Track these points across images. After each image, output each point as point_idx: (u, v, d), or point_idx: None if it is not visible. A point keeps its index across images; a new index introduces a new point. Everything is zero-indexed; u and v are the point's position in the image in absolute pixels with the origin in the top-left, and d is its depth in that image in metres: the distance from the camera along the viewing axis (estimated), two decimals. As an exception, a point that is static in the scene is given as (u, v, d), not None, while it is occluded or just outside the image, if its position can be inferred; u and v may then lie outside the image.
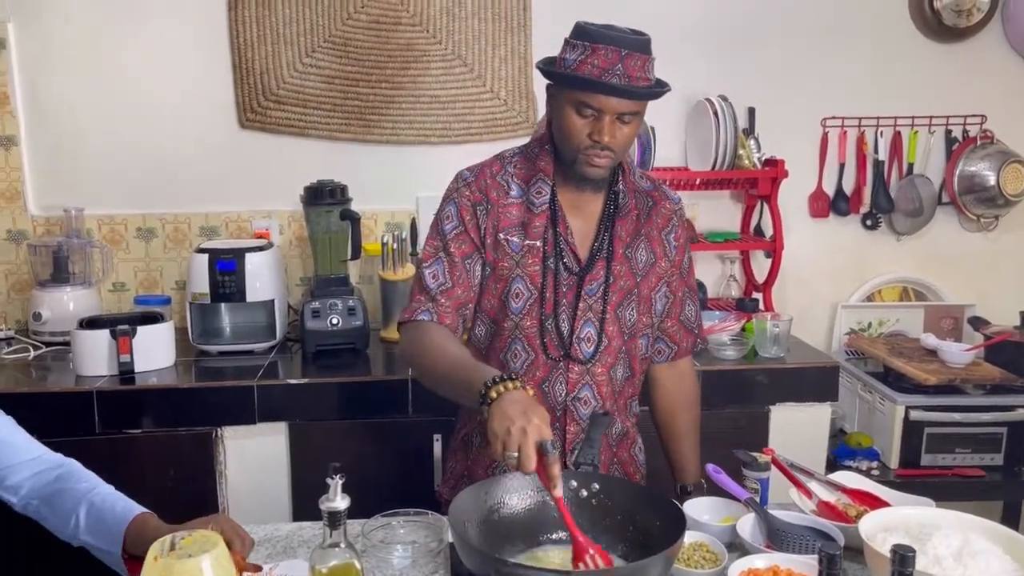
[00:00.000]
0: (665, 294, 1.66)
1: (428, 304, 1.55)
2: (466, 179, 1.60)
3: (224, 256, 2.33)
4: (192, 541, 0.97)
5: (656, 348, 1.70)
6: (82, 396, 2.11)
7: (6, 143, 2.55)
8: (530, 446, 1.17)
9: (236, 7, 2.55)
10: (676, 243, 1.65)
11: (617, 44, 1.41)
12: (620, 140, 1.47)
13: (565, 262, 1.55)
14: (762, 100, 2.77)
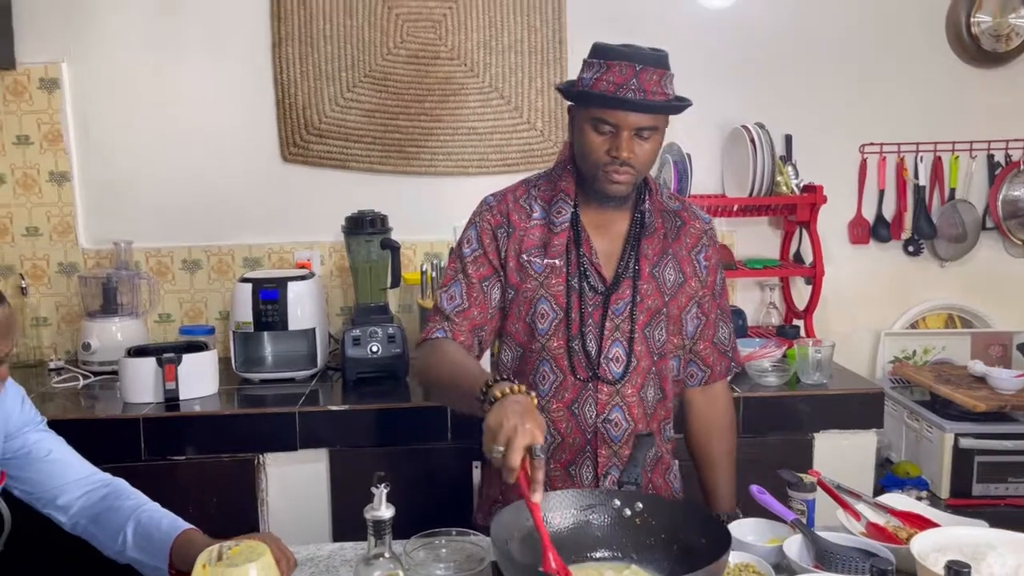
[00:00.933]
0: (696, 315, 1.64)
1: (443, 323, 1.56)
2: (489, 203, 1.62)
3: (267, 285, 2.38)
4: (239, 552, 0.98)
5: (688, 371, 1.69)
6: (129, 423, 2.15)
7: (59, 179, 2.64)
8: (519, 444, 1.15)
9: (280, 45, 2.63)
10: (707, 263, 1.64)
11: (631, 60, 1.43)
12: (640, 156, 1.48)
13: (590, 282, 1.55)
14: (799, 128, 2.77)
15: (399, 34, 2.65)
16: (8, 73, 2.57)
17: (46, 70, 2.58)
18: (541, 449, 1.17)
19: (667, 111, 1.48)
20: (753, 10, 2.72)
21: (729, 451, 1.70)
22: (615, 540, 1.30)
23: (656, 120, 1.47)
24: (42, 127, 2.61)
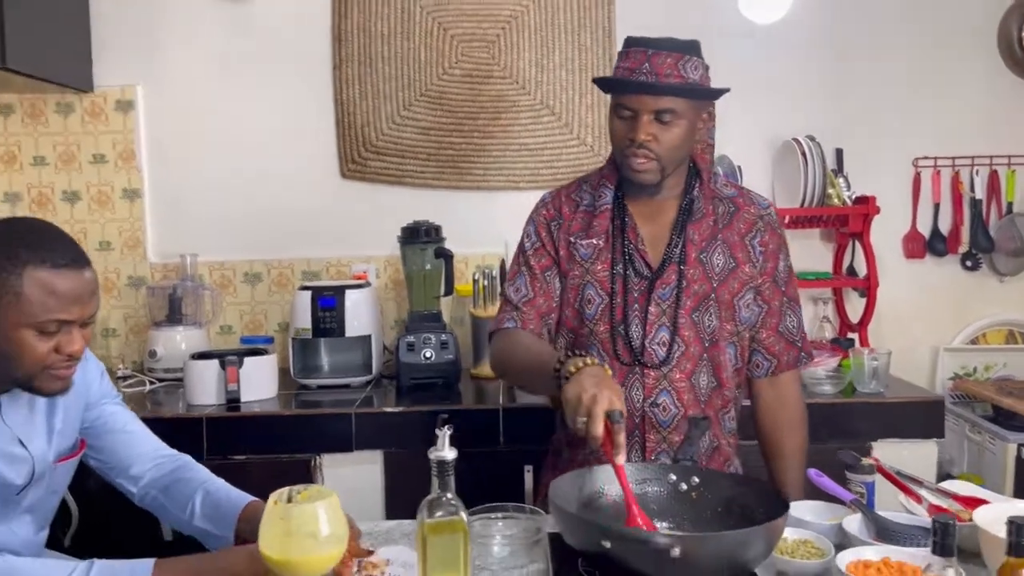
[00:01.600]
0: (756, 303, 1.64)
1: (513, 313, 1.62)
2: (544, 200, 1.71)
3: (326, 293, 2.45)
4: (307, 495, 1.02)
5: (753, 362, 1.68)
6: (192, 422, 2.21)
7: (131, 195, 2.76)
8: (599, 412, 1.20)
9: (340, 66, 2.74)
10: (762, 248, 1.63)
11: (645, 45, 1.49)
12: (663, 142, 1.51)
13: (635, 267, 1.58)
14: (850, 142, 2.78)
15: (454, 54, 2.74)
16: (87, 95, 2.71)
17: (122, 92, 2.72)
18: (619, 414, 1.20)
19: (678, 92, 1.49)
20: (802, 25, 2.75)
21: (800, 444, 1.68)
22: (671, 513, 1.31)
23: (674, 103, 1.50)
24: (116, 146, 2.75)
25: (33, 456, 1.34)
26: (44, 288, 1.19)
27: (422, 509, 1.00)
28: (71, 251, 1.24)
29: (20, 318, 1.19)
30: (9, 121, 2.72)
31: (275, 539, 0.99)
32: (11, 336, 1.20)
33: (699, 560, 1.04)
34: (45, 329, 1.21)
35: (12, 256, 1.19)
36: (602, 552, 1.07)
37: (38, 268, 1.19)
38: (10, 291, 1.18)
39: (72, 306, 1.22)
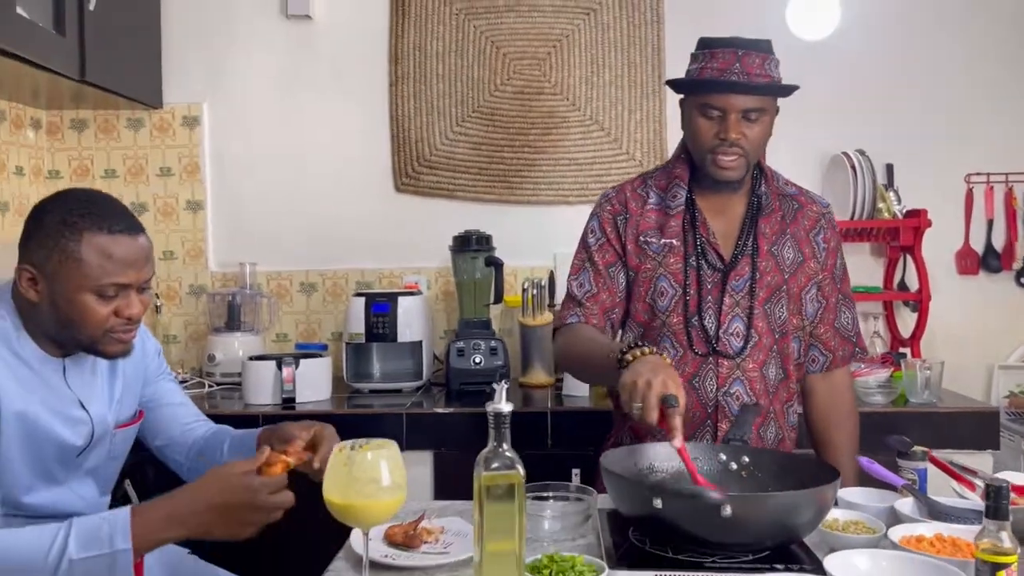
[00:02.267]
0: (816, 298, 1.67)
1: (576, 309, 1.65)
2: (607, 196, 1.73)
3: (379, 299, 2.51)
4: (369, 447, 1.06)
5: (810, 356, 1.70)
6: (249, 420, 2.27)
7: (195, 207, 2.88)
8: (653, 397, 1.23)
9: (396, 83, 2.84)
10: (825, 245, 1.68)
11: (733, 45, 1.53)
12: (751, 138, 1.55)
13: (708, 260, 1.61)
14: (901, 157, 2.78)
15: (506, 72, 2.82)
16: (156, 112, 2.85)
17: (189, 109, 2.86)
18: (674, 399, 1.23)
19: (772, 92, 1.56)
20: (851, 40, 2.78)
21: (851, 438, 1.70)
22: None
23: (762, 102, 1.55)
24: (182, 160, 2.87)
25: (93, 419, 1.39)
26: (102, 252, 1.27)
27: (479, 464, 1.03)
28: (126, 218, 1.32)
29: (81, 282, 1.26)
30: (83, 136, 2.86)
31: (338, 485, 1.04)
32: (73, 300, 1.27)
33: (749, 521, 1.05)
34: (104, 293, 1.28)
35: (71, 224, 1.27)
36: (653, 515, 1.09)
37: (95, 234, 1.27)
38: (70, 257, 1.26)
39: (128, 269, 1.29)
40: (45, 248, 1.27)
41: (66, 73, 2.24)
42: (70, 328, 1.30)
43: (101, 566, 1.15)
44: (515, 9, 2.80)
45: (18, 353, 1.30)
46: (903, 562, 1.03)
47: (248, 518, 1.19)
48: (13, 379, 1.28)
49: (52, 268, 1.27)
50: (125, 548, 1.15)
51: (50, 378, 1.34)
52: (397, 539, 1.27)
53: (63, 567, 1.13)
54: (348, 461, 1.03)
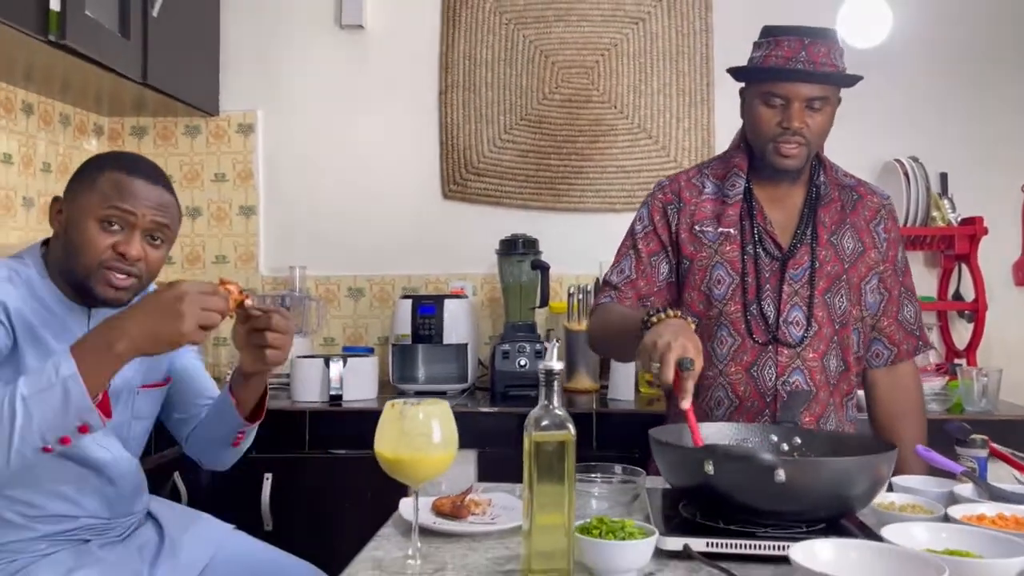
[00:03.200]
0: (879, 289, 1.65)
1: (610, 292, 1.66)
2: (661, 184, 1.73)
3: (425, 301, 2.53)
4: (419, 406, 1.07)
5: (874, 351, 1.68)
6: (297, 415, 2.30)
7: (247, 212, 2.94)
8: (670, 358, 1.23)
9: (446, 92, 2.88)
10: (886, 235, 1.66)
11: (800, 34, 1.52)
12: (813, 127, 1.54)
13: (765, 247, 1.59)
14: (955, 165, 2.74)
15: (554, 80, 2.85)
16: (212, 119, 2.93)
17: (244, 116, 2.93)
18: (690, 361, 1.23)
19: (838, 81, 1.56)
20: (903, 48, 2.75)
21: (919, 430, 1.66)
22: (772, 470, 1.29)
23: (826, 91, 1.55)
24: (236, 166, 2.94)
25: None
26: (115, 184, 1.35)
27: (528, 424, 1.03)
28: (153, 170, 1.41)
29: (89, 207, 1.34)
30: (143, 142, 2.95)
31: (389, 439, 1.04)
32: (79, 223, 1.34)
33: (803, 488, 1.03)
34: (108, 220, 1.34)
35: (100, 162, 1.40)
36: (703, 483, 1.07)
37: (116, 171, 1.37)
38: (87, 184, 1.36)
39: (134, 201, 1.35)
40: (75, 183, 1.38)
41: (129, 75, 2.33)
42: (73, 257, 1.35)
43: (56, 397, 1.12)
44: (564, 19, 2.84)
45: (42, 298, 1.36)
46: (965, 534, 1.00)
47: (177, 307, 1.16)
48: (33, 316, 1.33)
49: (72, 196, 1.37)
50: (72, 373, 1.12)
51: (73, 325, 1.38)
52: (445, 509, 1.27)
53: (19, 409, 1.11)
54: (400, 416, 1.04)
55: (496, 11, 2.85)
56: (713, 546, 1.05)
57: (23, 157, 2.48)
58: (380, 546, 1.20)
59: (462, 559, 1.14)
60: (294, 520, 2.25)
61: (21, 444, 1.12)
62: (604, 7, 2.83)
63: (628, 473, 1.35)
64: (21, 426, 1.11)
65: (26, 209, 2.50)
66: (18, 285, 1.34)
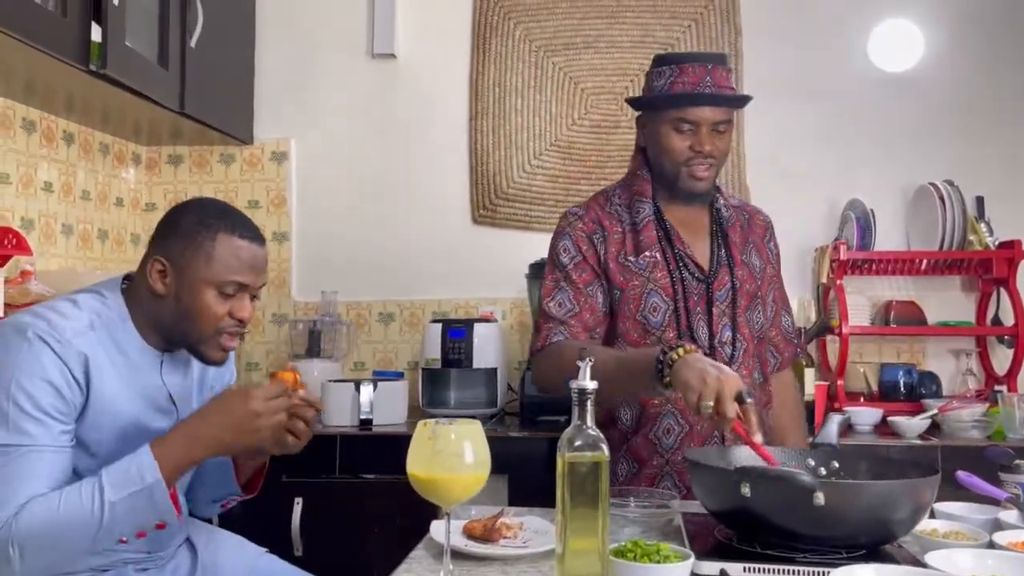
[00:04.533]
0: (770, 302, 1.74)
1: (559, 327, 1.61)
2: (577, 214, 1.71)
3: (455, 325, 2.54)
4: (452, 426, 1.07)
5: (762, 359, 1.72)
6: (327, 439, 2.30)
7: (280, 238, 2.98)
8: (728, 395, 1.19)
9: (476, 118, 2.91)
10: (775, 250, 1.78)
11: (703, 60, 1.56)
12: (721, 149, 1.60)
13: (690, 271, 1.63)
14: (991, 189, 2.69)
15: (583, 106, 2.86)
16: (247, 147, 2.98)
17: (277, 144, 2.98)
18: (747, 393, 1.21)
19: (742, 103, 1.64)
20: (935, 71, 2.74)
21: (803, 432, 1.76)
22: (810, 495, 1.27)
23: (729, 114, 1.60)
24: (270, 193, 2.99)
25: (179, 414, 1.44)
26: (232, 253, 1.36)
27: (561, 445, 1.02)
28: (252, 228, 1.42)
29: (208, 276, 1.35)
30: (179, 170, 3.00)
31: (422, 459, 1.04)
32: (197, 292, 1.35)
33: (843, 512, 1.00)
34: (225, 290, 1.36)
35: (207, 224, 1.36)
36: (740, 506, 1.05)
37: (228, 235, 1.36)
38: (202, 252, 1.35)
39: (250, 272, 1.38)
40: (181, 244, 1.36)
41: (167, 104, 2.37)
42: (187, 321, 1.36)
43: (141, 501, 1.22)
44: (593, 46, 2.86)
45: (118, 341, 1.36)
46: (1012, 561, 0.97)
47: (253, 424, 1.27)
48: (109, 363, 1.33)
49: (184, 261, 1.35)
50: (156, 478, 1.23)
51: (146, 369, 1.39)
52: (476, 532, 1.26)
53: (106, 513, 1.20)
54: (432, 435, 1.04)
55: (526, 39, 2.88)
56: (750, 571, 1.03)
57: (63, 185, 2.54)
58: (411, 568, 1.19)
59: (494, 582, 1.13)
60: (324, 545, 2.25)
61: (103, 538, 1.23)
62: (633, 34, 2.85)
63: (662, 497, 1.33)
64: (106, 527, 1.21)
65: (65, 237, 2.55)
66: (99, 329, 1.34)
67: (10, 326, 1.29)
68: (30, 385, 1.24)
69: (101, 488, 1.21)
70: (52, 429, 1.25)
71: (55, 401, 1.26)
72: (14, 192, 2.34)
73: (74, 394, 1.28)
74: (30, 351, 1.25)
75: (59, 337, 1.27)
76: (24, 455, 1.22)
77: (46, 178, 2.46)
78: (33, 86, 2.21)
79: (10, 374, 1.24)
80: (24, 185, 2.38)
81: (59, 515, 1.20)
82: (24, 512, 1.19)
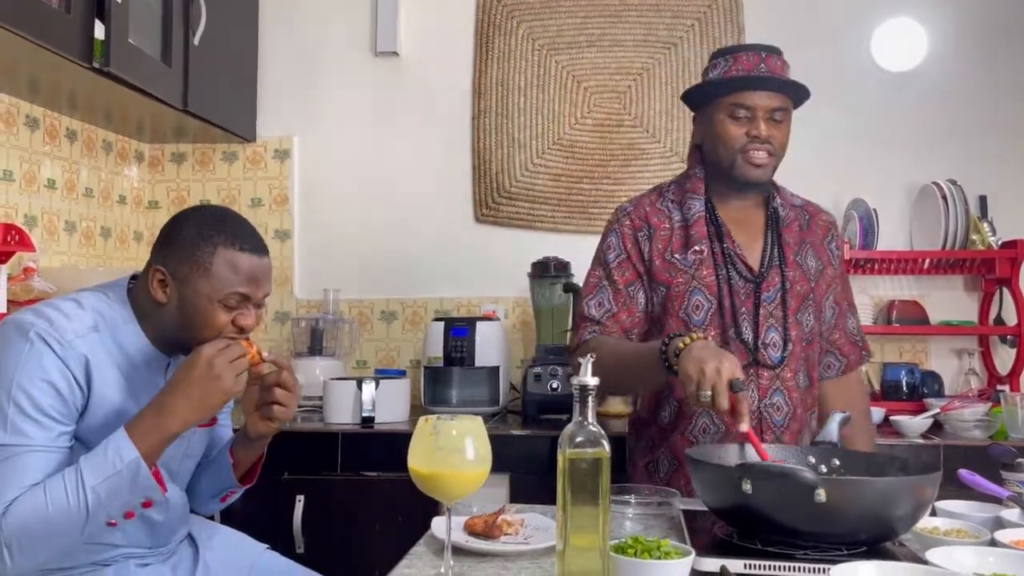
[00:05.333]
0: (832, 304, 1.71)
1: (594, 327, 1.63)
2: (626, 210, 1.72)
3: (458, 323, 2.54)
4: (453, 422, 1.07)
5: (825, 362, 1.72)
6: (328, 437, 2.30)
7: (282, 236, 2.98)
8: (724, 384, 1.22)
9: (479, 117, 2.91)
10: (838, 252, 1.74)
11: (756, 49, 1.58)
12: (778, 138, 1.58)
13: (738, 270, 1.60)
14: (994, 189, 2.70)
15: (586, 105, 2.86)
16: (250, 145, 2.98)
17: (280, 142, 2.98)
18: (741, 382, 1.22)
19: (797, 90, 1.60)
20: (939, 71, 2.73)
21: (871, 437, 1.73)
22: (811, 492, 1.27)
23: (786, 102, 1.59)
24: (272, 191, 2.99)
25: None
26: (232, 267, 1.34)
27: (562, 441, 1.02)
28: (254, 238, 1.40)
29: (209, 291, 1.33)
30: (182, 168, 3.01)
31: (423, 455, 1.04)
32: (199, 306, 1.34)
33: (844, 508, 1.00)
34: (227, 303, 1.35)
35: (206, 236, 1.35)
36: (740, 503, 1.05)
37: (227, 249, 1.34)
38: (202, 267, 1.33)
39: (251, 284, 1.37)
40: (180, 256, 1.35)
41: (170, 102, 2.38)
42: (189, 331, 1.36)
43: (122, 482, 1.22)
44: (597, 44, 2.86)
45: (122, 343, 1.36)
46: (1014, 559, 0.97)
47: (211, 373, 1.26)
48: (112, 366, 1.33)
49: (184, 275, 1.34)
50: (134, 456, 1.22)
51: (151, 371, 1.39)
52: (477, 529, 1.26)
53: (90, 498, 1.20)
54: (434, 431, 1.04)
55: (528, 37, 2.88)
56: (750, 567, 1.03)
57: (66, 182, 2.54)
58: (412, 564, 1.19)
59: (495, 578, 1.13)
60: (326, 542, 2.25)
61: (91, 524, 1.23)
62: (636, 32, 2.85)
63: (662, 495, 1.33)
64: (92, 512, 1.21)
65: (68, 234, 2.55)
66: (102, 331, 1.34)
67: (13, 324, 1.29)
68: (30, 386, 1.24)
69: (81, 475, 1.21)
70: (50, 431, 1.25)
71: (55, 402, 1.26)
72: (17, 189, 2.35)
73: (75, 395, 1.28)
74: (31, 352, 1.25)
75: (60, 338, 1.27)
76: (20, 455, 1.22)
77: (49, 175, 2.47)
78: (37, 83, 2.21)
79: (11, 374, 1.24)
80: (27, 182, 2.38)
81: (44, 508, 1.20)
82: (10, 510, 1.20)
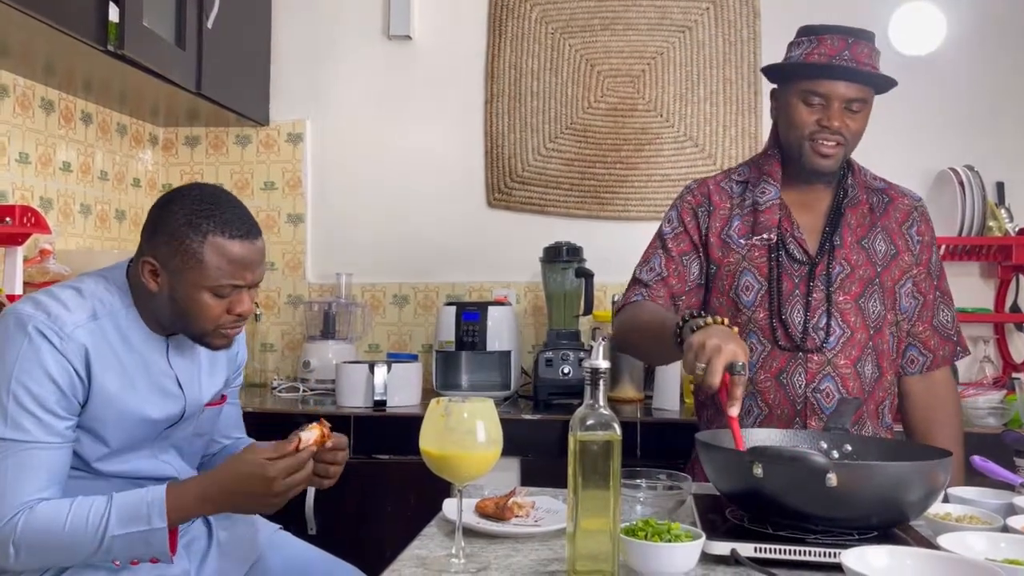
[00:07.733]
0: (913, 293, 1.62)
1: (642, 290, 1.63)
2: (690, 187, 1.72)
3: (469, 308, 2.54)
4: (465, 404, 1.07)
5: (908, 357, 1.64)
6: (341, 419, 2.31)
7: (295, 220, 2.99)
8: (719, 362, 1.20)
9: (492, 101, 2.90)
10: (920, 238, 1.63)
11: (844, 33, 1.50)
12: (852, 129, 1.52)
13: (792, 253, 1.57)
14: (1012, 175, 2.67)
15: (600, 89, 2.85)
16: (263, 129, 2.98)
17: (293, 126, 2.98)
18: (741, 367, 1.20)
19: (880, 82, 1.52)
20: (957, 55, 2.70)
21: (957, 439, 1.62)
22: (823, 477, 1.26)
23: (865, 93, 1.52)
24: (285, 175, 2.99)
25: (187, 397, 1.45)
26: (222, 255, 1.32)
27: (573, 424, 1.02)
28: (245, 223, 1.36)
29: (200, 281, 1.32)
30: (195, 151, 3.02)
31: (434, 436, 1.05)
32: (191, 296, 1.33)
33: (855, 493, 1.00)
34: (220, 292, 1.34)
35: (195, 225, 1.32)
36: (752, 488, 1.05)
37: (217, 237, 1.32)
38: (192, 257, 1.31)
39: (244, 272, 1.35)
40: (169, 245, 1.32)
41: (184, 85, 2.38)
42: (184, 320, 1.36)
43: (138, 540, 1.25)
44: (610, 27, 2.84)
45: (122, 328, 1.36)
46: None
47: (268, 501, 1.28)
48: (112, 353, 1.34)
49: (174, 265, 1.32)
50: (162, 527, 1.25)
51: (152, 355, 1.40)
52: (488, 511, 1.27)
53: (105, 542, 1.24)
54: (445, 412, 1.05)
55: (542, 21, 2.87)
56: (761, 551, 1.03)
57: (81, 165, 2.55)
58: (424, 545, 1.20)
59: (505, 559, 1.13)
60: (338, 524, 2.27)
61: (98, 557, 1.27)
62: (650, 16, 2.83)
63: (674, 479, 1.33)
64: (104, 550, 1.25)
65: (84, 216, 2.57)
66: (102, 318, 1.33)
67: (12, 317, 1.29)
68: (30, 380, 1.24)
69: (108, 516, 1.24)
70: (51, 425, 1.26)
71: (56, 396, 1.26)
72: (33, 172, 2.36)
73: (75, 388, 1.29)
74: (30, 346, 1.25)
75: (59, 331, 1.27)
76: (22, 452, 1.23)
77: (64, 158, 2.48)
78: (52, 66, 2.22)
79: (10, 369, 1.25)
80: (43, 165, 2.40)
81: (62, 529, 1.23)
82: (31, 515, 1.22)
